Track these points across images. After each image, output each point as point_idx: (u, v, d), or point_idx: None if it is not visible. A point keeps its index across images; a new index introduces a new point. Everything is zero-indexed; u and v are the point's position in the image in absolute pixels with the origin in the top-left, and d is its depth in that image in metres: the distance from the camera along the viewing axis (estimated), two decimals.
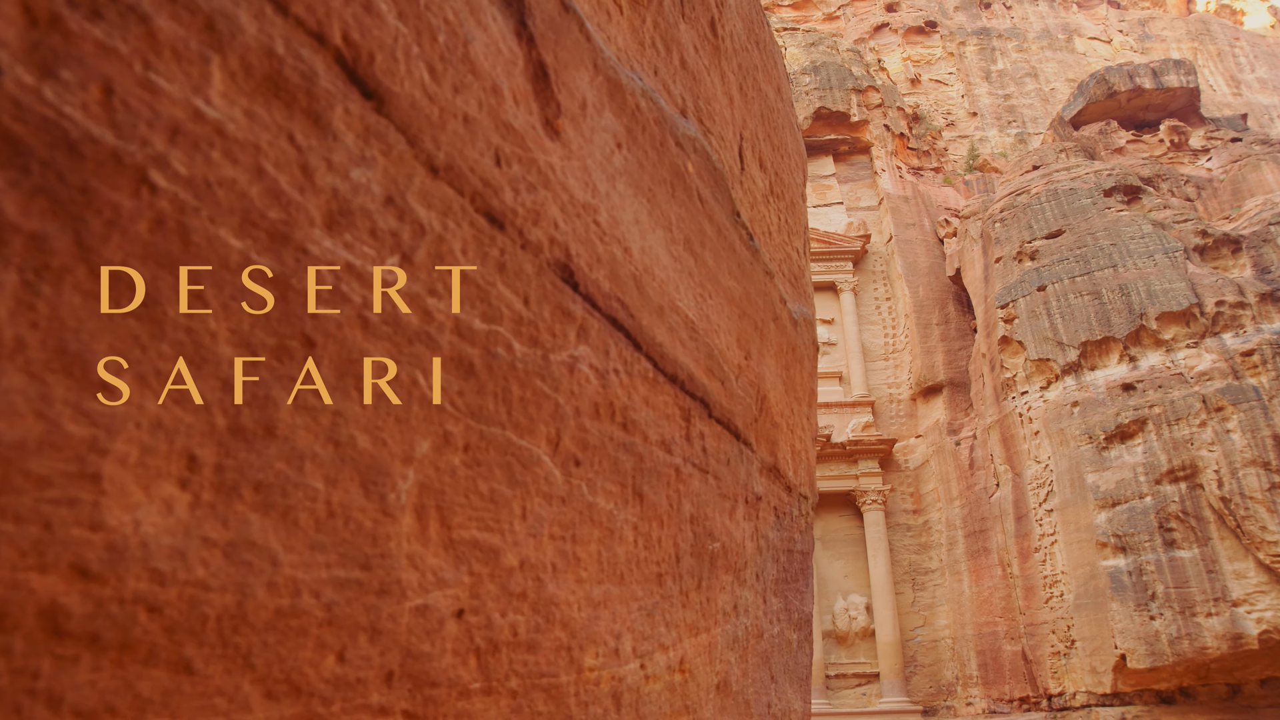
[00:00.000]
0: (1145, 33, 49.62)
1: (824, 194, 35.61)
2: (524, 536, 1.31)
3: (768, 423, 2.64)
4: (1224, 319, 21.72)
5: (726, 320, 2.24)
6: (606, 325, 1.57)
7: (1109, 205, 25.63)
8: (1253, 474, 19.28)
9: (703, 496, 2.05)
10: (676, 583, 1.89)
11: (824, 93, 36.26)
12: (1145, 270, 23.25)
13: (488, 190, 1.26)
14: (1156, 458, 20.64)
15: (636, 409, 1.67)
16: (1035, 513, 23.29)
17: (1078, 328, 23.41)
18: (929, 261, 32.12)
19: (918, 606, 27.41)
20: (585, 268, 1.50)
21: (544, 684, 1.34)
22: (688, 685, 1.95)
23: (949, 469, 27.48)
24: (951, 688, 25.94)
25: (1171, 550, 19.68)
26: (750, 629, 2.57)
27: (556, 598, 1.38)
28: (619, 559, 1.60)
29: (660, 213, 1.86)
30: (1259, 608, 18.42)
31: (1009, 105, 44.91)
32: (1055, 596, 22.21)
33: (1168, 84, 30.88)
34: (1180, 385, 21.30)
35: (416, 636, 1.10)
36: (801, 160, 3.62)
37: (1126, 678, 20.03)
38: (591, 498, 1.50)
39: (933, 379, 29.73)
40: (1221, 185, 27.94)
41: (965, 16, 48.61)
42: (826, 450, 28.29)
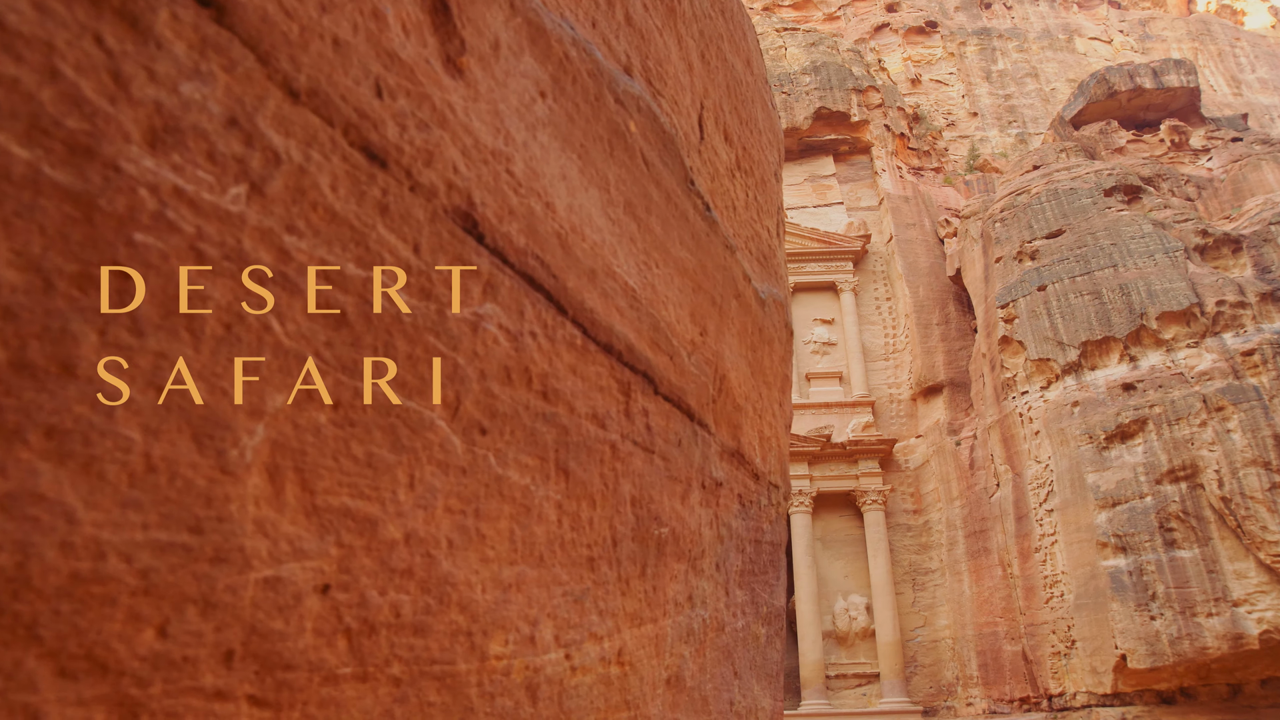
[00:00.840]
0: (1146, 33, 49.47)
1: (824, 194, 35.49)
2: (411, 508, 1.18)
3: (728, 404, 2.51)
4: (1224, 319, 21.58)
5: (677, 293, 2.12)
6: (521, 284, 1.44)
7: (1109, 205, 25.49)
8: (1253, 474, 19.13)
9: (647, 478, 1.93)
10: (613, 568, 1.77)
11: (824, 93, 36.15)
12: (1146, 270, 23.10)
13: (365, 123, 1.14)
14: (1157, 457, 20.50)
15: (560, 378, 1.55)
16: (1035, 513, 23.14)
17: (1078, 327, 23.27)
18: (929, 261, 31.99)
19: (918, 607, 27.27)
20: (493, 219, 1.37)
21: (436, 671, 1.21)
22: (628, 679, 1.83)
23: (949, 469, 27.35)
24: (952, 688, 25.80)
25: (1172, 550, 19.53)
26: (709, 622, 2.44)
27: (453, 577, 1.25)
28: (537, 539, 1.47)
29: (595, 171, 1.74)
30: (1260, 608, 18.27)
31: (1009, 105, 44.76)
32: (1055, 596, 22.07)
33: (1168, 84, 30.75)
34: (1181, 385, 21.16)
35: (265, 612, 0.97)
36: (775, 139, 3.50)
37: (1127, 678, 19.88)
38: (501, 470, 1.37)
39: (933, 379, 29.60)
40: (1222, 185, 27.79)
41: (966, 16, 48.48)
42: (826, 450, 28.16)
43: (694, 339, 2.21)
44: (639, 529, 1.89)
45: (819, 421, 29.65)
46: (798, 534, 27.39)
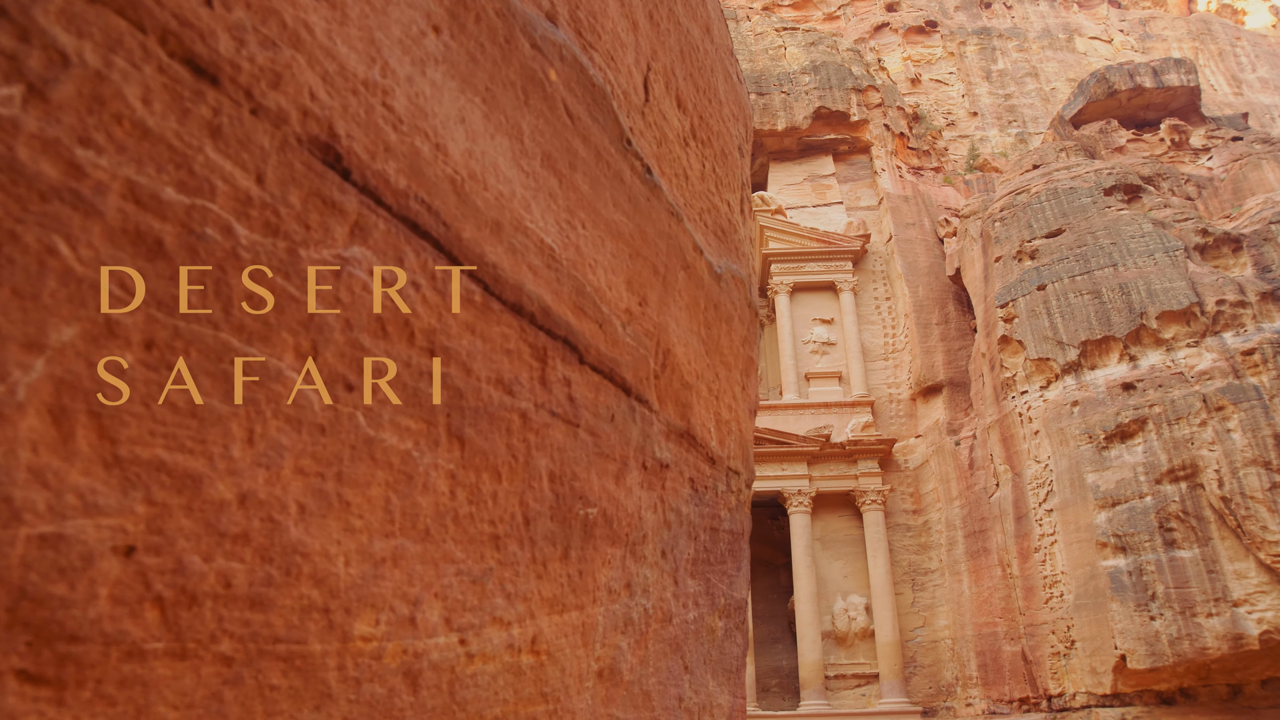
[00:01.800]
0: (1146, 32, 49.29)
1: (824, 194, 35.38)
2: (249, 466, 1.05)
3: (675, 381, 2.38)
4: (1225, 318, 21.43)
5: (609, 257, 1.99)
6: (401, 228, 1.31)
7: (1109, 204, 25.35)
8: (1253, 473, 18.98)
9: (570, 453, 1.80)
10: (526, 548, 1.64)
11: (824, 92, 36.05)
12: (1145, 269, 22.95)
13: (188, 33, 1.01)
14: (1157, 457, 20.34)
15: (453, 335, 1.42)
16: (1035, 513, 22.99)
17: (1078, 327, 23.12)
18: (929, 261, 31.85)
19: (917, 607, 27.12)
20: (363, 154, 1.24)
21: (281, 651, 1.08)
22: (545, 669, 1.69)
23: (949, 469, 27.20)
24: (951, 688, 25.64)
25: (1172, 550, 19.37)
26: (653, 612, 2.31)
27: (305, 546, 1.12)
28: (422, 511, 1.34)
29: (504, 118, 1.61)
30: (1260, 608, 18.11)
31: (1009, 105, 44.60)
32: (1055, 597, 21.91)
33: (1168, 83, 30.61)
34: (1181, 384, 21.00)
35: (41, 574, 0.85)
36: (741, 112, 3.37)
37: (1127, 678, 19.72)
38: (373, 431, 1.24)
39: (932, 379, 29.45)
40: (1222, 184, 27.65)
41: (966, 16, 48.33)
42: (826, 450, 28.02)
43: (630, 308, 2.08)
44: (559, 508, 1.76)
45: (818, 421, 29.51)
46: (797, 534, 27.25)
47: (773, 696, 27.65)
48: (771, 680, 28.04)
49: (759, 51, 37.92)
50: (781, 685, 28.03)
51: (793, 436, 28.25)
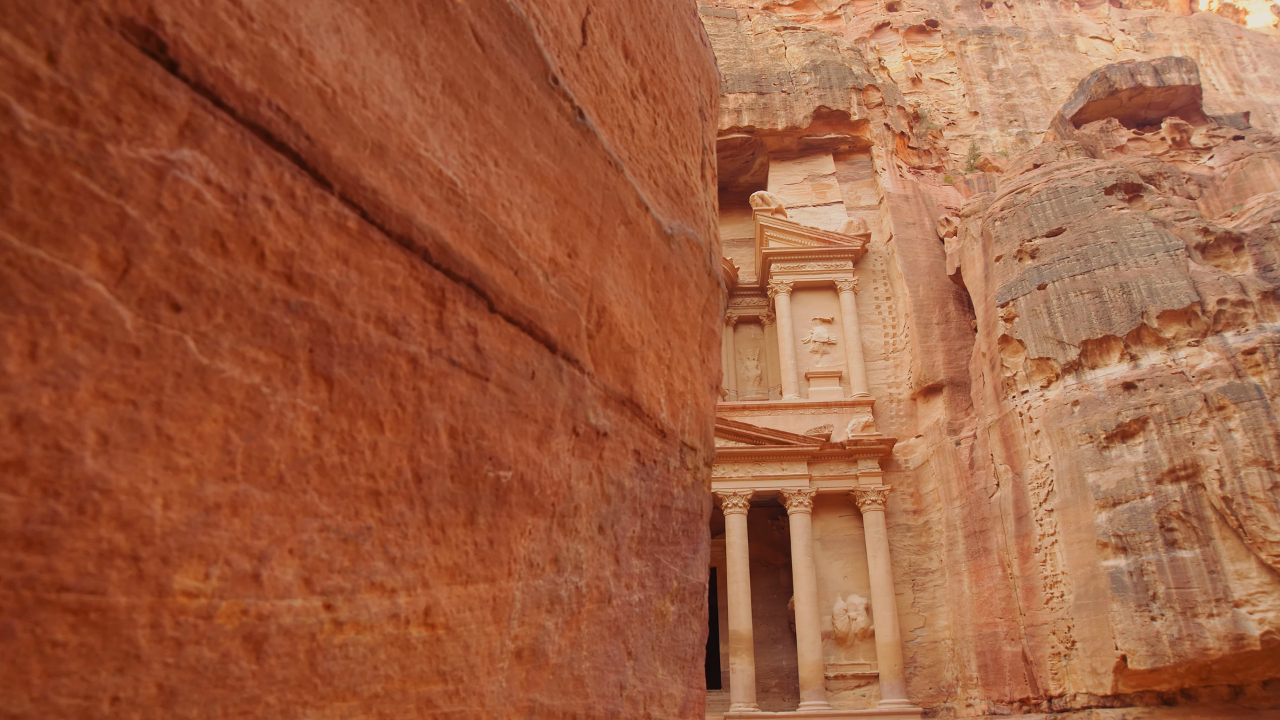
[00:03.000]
0: (1147, 32, 49.11)
1: (824, 193, 35.24)
2: (29, 383, 0.91)
3: (614, 343, 2.23)
4: (1226, 317, 21.26)
5: (529, 200, 1.84)
6: (249, 136, 1.17)
7: (1110, 203, 25.18)
8: (1255, 473, 18.80)
9: (477, 408, 1.65)
10: (418, 509, 1.48)
11: (824, 91, 35.92)
12: (1146, 268, 22.78)
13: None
14: (1157, 457, 20.17)
15: (318, 262, 1.27)
16: (1035, 513, 22.83)
17: (1078, 326, 22.95)
18: (929, 261, 31.70)
19: (918, 607, 26.96)
20: (195, 46, 1.10)
21: (69, 601, 0.93)
22: (443, 645, 1.54)
23: (949, 469, 27.04)
24: (951, 689, 25.47)
25: (1173, 550, 19.20)
26: (586, 591, 2.16)
27: (106, 481, 0.97)
28: (274, 454, 1.19)
29: (394, 36, 1.47)
30: (1261, 608, 17.93)
31: (1010, 104, 44.44)
32: (1055, 597, 21.74)
33: (1169, 82, 30.45)
34: (1181, 384, 20.83)
35: None
36: (704, 74, 3.22)
37: (1127, 679, 19.55)
38: (207, 360, 1.10)
39: (933, 378, 29.30)
40: (1223, 183, 27.47)
41: (966, 15, 48.19)
42: (826, 450, 27.88)
43: (556, 257, 1.93)
44: (462, 467, 1.61)
45: (818, 421, 29.37)
46: (797, 534, 27.10)
47: (772, 697, 27.49)
48: (771, 680, 27.87)
49: (759, 51, 37.80)
50: (781, 685, 27.86)
51: (793, 436, 28.10)
